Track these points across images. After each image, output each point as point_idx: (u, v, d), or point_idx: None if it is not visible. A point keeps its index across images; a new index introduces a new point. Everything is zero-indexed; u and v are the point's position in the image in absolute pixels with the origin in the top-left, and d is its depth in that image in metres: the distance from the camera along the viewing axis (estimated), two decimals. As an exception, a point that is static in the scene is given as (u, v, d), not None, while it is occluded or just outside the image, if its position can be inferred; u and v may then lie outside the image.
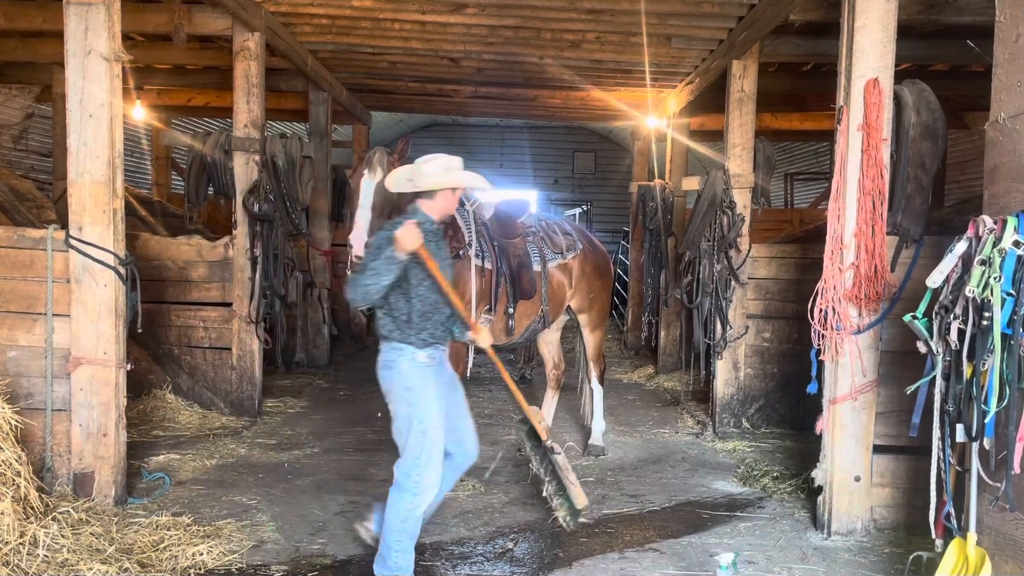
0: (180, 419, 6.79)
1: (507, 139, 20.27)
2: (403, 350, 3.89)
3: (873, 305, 4.51)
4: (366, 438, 6.64)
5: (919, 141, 4.65)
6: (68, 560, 3.91)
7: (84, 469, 4.73)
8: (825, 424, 4.65)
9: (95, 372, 4.71)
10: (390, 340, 3.92)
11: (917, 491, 4.35)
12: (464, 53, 8.80)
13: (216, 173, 7.69)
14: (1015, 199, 3.36)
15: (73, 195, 4.68)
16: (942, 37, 7.13)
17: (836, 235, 4.54)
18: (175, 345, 7.15)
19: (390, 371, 3.94)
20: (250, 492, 5.21)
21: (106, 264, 4.67)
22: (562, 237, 6.19)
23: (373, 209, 4.77)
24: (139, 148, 12.50)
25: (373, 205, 4.77)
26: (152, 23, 7.20)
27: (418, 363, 3.89)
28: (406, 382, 3.89)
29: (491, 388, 8.88)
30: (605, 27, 7.69)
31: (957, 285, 3.42)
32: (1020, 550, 3.25)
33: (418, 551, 4.33)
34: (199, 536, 4.34)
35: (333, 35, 8.31)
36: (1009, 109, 3.42)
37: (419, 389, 3.89)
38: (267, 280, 6.85)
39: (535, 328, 6.01)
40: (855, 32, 4.48)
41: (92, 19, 4.58)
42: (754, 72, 7.06)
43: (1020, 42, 3.35)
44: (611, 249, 15.46)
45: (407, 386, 3.90)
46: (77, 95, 4.63)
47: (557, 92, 10.99)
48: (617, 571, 4.19)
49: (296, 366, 9.42)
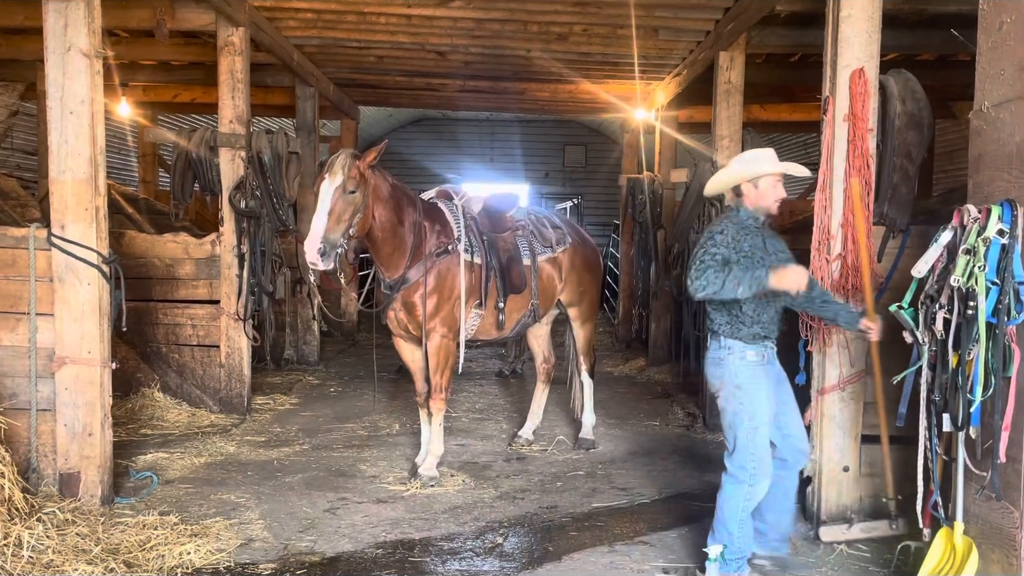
0: (168, 417, 6.76)
1: (497, 133, 20.22)
2: (732, 347, 3.87)
3: (860, 295, 4.51)
4: (356, 435, 6.62)
5: (905, 131, 4.65)
6: (53, 561, 3.88)
7: (70, 469, 4.69)
8: (813, 415, 4.65)
9: (80, 371, 4.67)
10: (719, 336, 3.91)
11: (905, 481, 4.35)
12: (451, 47, 8.77)
13: (202, 170, 7.63)
14: (999, 188, 3.36)
15: (55, 193, 4.64)
16: (928, 26, 7.12)
17: (823, 226, 4.54)
18: (163, 343, 7.11)
19: (719, 368, 3.91)
20: (239, 490, 5.19)
21: (89, 262, 4.63)
22: (552, 231, 6.18)
23: (330, 215, 4.71)
24: (125, 145, 12.42)
25: (330, 210, 4.72)
26: (135, 19, 7.14)
27: (748, 360, 3.86)
28: (736, 380, 3.86)
29: (482, 383, 8.87)
30: (592, 19, 7.67)
31: (942, 275, 3.42)
32: (1006, 538, 3.25)
33: (407, 547, 4.34)
34: (187, 535, 4.31)
35: (319, 29, 8.27)
36: (993, 98, 3.42)
37: (748, 387, 3.85)
38: (255, 277, 6.82)
39: (526, 322, 6.00)
40: (840, 22, 4.47)
41: (71, 15, 4.53)
42: (741, 63, 7.06)
43: (1003, 30, 3.34)
44: (601, 242, 15.48)
45: (737, 384, 3.86)
46: (58, 92, 4.58)
47: (546, 85, 10.96)
48: (607, 564, 4.18)
49: (285, 363, 9.40)
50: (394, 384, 8.57)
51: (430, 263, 5.28)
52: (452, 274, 5.37)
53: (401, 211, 5.19)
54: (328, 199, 4.73)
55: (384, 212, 5.08)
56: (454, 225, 5.50)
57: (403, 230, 5.20)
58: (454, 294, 5.39)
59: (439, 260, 5.33)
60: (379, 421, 7.05)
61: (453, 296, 5.39)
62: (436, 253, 5.32)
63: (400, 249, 5.21)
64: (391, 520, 4.73)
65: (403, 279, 5.25)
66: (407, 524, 4.68)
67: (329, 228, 4.70)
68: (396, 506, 4.97)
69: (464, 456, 6.08)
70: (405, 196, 5.28)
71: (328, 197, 4.73)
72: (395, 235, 5.17)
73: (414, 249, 5.24)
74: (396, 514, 4.83)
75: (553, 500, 5.16)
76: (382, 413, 7.32)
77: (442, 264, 5.35)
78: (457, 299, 5.39)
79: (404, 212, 5.21)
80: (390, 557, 4.22)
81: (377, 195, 5.02)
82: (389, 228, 5.12)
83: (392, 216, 5.12)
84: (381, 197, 5.05)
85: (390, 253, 5.20)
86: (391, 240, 5.16)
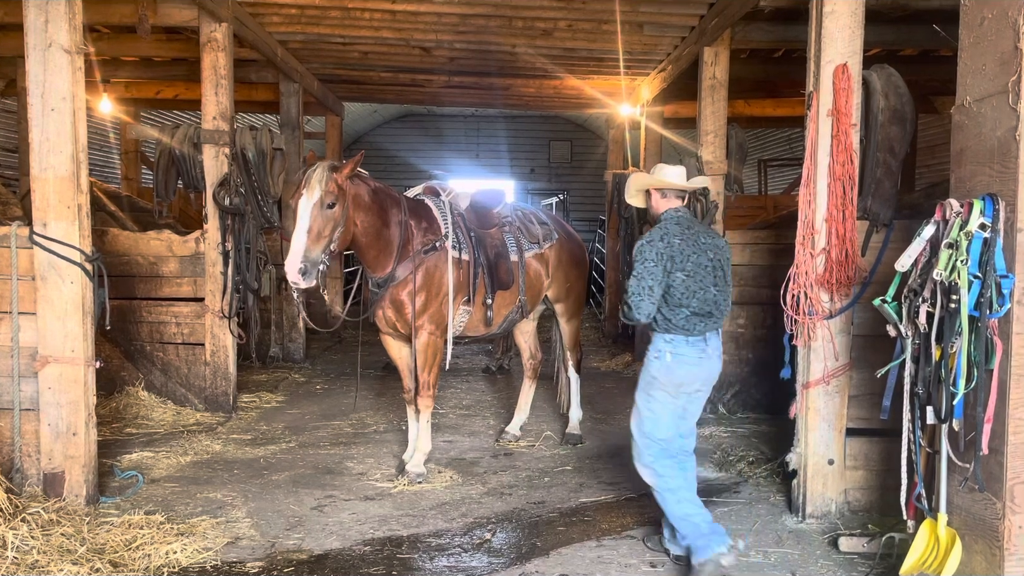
0: (153, 416, 6.72)
1: (482, 129, 20.20)
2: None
3: (844, 290, 4.54)
4: (343, 432, 6.60)
5: (888, 126, 4.68)
6: (38, 562, 3.85)
7: (54, 469, 4.66)
8: (799, 408, 4.69)
9: (63, 370, 4.64)
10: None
11: (889, 473, 4.39)
12: (436, 42, 8.74)
13: (185, 167, 7.58)
14: (981, 182, 3.39)
15: (36, 191, 4.59)
16: (910, 22, 7.18)
17: (807, 220, 4.56)
18: (147, 341, 7.07)
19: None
20: (225, 488, 5.16)
21: (72, 261, 4.59)
22: (538, 227, 6.18)
23: (309, 233, 4.67)
24: (107, 142, 12.31)
25: (309, 228, 4.67)
26: (117, 14, 7.07)
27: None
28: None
29: (469, 379, 8.87)
30: (577, 15, 7.67)
31: (925, 269, 3.44)
32: (989, 529, 3.29)
33: (395, 544, 4.34)
34: (173, 534, 4.29)
35: (302, 25, 8.22)
36: (974, 93, 3.44)
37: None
38: (240, 274, 6.78)
39: (513, 319, 6.00)
40: (824, 18, 4.49)
41: (52, 11, 4.49)
42: (726, 59, 7.08)
43: (985, 26, 3.37)
44: (588, 238, 15.51)
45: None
46: (39, 89, 4.53)
47: (531, 81, 10.96)
48: (595, 559, 4.20)
49: (271, 360, 9.36)
50: (381, 381, 8.55)
51: (418, 260, 5.27)
52: (440, 271, 5.36)
53: (385, 213, 5.17)
54: (307, 216, 4.68)
55: (367, 218, 5.04)
56: (441, 222, 5.49)
57: (388, 231, 5.18)
58: (442, 291, 5.38)
59: (427, 257, 5.31)
60: (366, 418, 7.04)
61: (441, 293, 5.37)
62: (424, 250, 5.30)
63: (386, 250, 5.19)
64: (379, 517, 4.73)
65: (391, 277, 5.24)
66: (395, 521, 4.67)
67: (309, 247, 4.66)
68: (384, 503, 4.97)
69: (452, 452, 6.08)
70: (389, 197, 5.25)
71: (307, 214, 4.68)
72: (380, 237, 5.14)
73: (401, 247, 5.22)
74: (384, 511, 4.83)
75: (541, 495, 5.17)
76: (369, 410, 7.30)
77: (430, 261, 5.34)
78: (445, 296, 5.38)
79: (388, 213, 5.19)
80: (378, 554, 4.21)
81: (358, 203, 4.98)
82: (373, 232, 5.10)
83: (376, 220, 5.10)
84: (363, 204, 5.02)
85: (376, 255, 5.19)
86: (376, 243, 5.14)
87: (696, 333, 3.96)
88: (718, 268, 4.04)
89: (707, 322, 3.98)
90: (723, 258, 4.09)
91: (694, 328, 3.95)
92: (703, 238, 4.07)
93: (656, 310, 3.95)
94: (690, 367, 3.97)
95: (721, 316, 4.06)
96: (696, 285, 3.93)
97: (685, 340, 3.95)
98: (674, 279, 3.92)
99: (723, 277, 4.07)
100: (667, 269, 3.91)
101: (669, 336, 3.98)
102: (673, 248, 3.93)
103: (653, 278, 3.89)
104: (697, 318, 3.95)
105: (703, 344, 3.98)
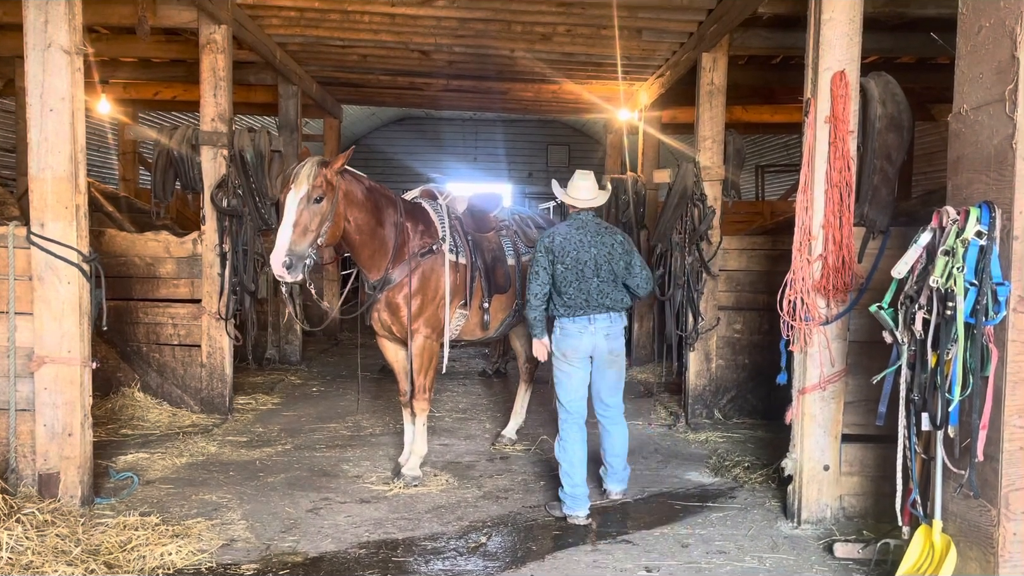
0: (149, 417, 6.71)
1: (481, 132, 20.22)
2: None
3: (841, 296, 4.55)
4: (339, 434, 6.60)
5: (885, 133, 4.69)
6: (33, 562, 3.84)
7: (49, 470, 4.65)
8: (795, 414, 4.70)
9: (59, 371, 4.63)
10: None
11: (885, 479, 4.40)
12: (435, 46, 8.75)
13: (183, 168, 7.56)
14: (978, 190, 3.40)
15: (34, 191, 4.59)
16: (908, 29, 7.21)
17: (804, 226, 4.58)
18: (143, 343, 7.06)
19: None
20: (220, 490, 5.16)
21: (69, 261, 4.59)
22: (536, 231, 6.19)
23: (295, 226, 4.68)
24: (105, 143, 12.30)
25: (295, 222, 4.68)
26: (116, 15, 7.07)
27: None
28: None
29: (465, 383, 8.86)
30: (576, 20, 7.69)
31: (922, 275, 3.46)
32: (984, 536, 3.30)
33: (390, 547, 4.33)
34: (168, 536, 4.29)
35: (302, 28, 8.23)
36: (971, 101, 3.46)
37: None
38: (237, 276, 6.77)
39: (510, 322, 6.01)
40: (822, 25, 4.51)
41: (52, 11, 4.49)
42: (724, 65, 7.09)
43: (982, 35, 3.39)
44: (585, 242, 15.49)
45: None
46: (37, 89, 4.53)
47: (529, 85, 10.97)
48: (590, 563, 4.20)
49: (267, 362, 9.36)
50: (377, 384, 8.55)
51: (414, 263, 5.27)
52: (436, 274, 5.36)
53: (380, 213, 5.17)
54: (293, 210, 4.69)
55: (360, 215, 5.04)
56: (438, 225, 5.49)
57: (383, 231, 5.18)
58: (438, 294, 5.38)
59: (423, 260, 5.31)
60: (362, 421, 7.03)
61: (437, 297, 5.38)
62: (420, 253, 5.30)
63: (381, 250, 5.19)
64: (374, 520, 4.72)
65: (386, 279, 5.24)
66: (390, 524, 4.67)
67: (294, 240, 4.67)
68: (379, 506, 4.96)
69: (447, 456, 6.08)
70: (384, 197, 5.25)
71: (293, 208, 4.69)
72: (374, 237, 5.14)
73: (397, 249, 5.23)
74: (379, 514, 4.82)
75: (536, 499, 5.16)
76: (365, 413, 7.30)
77: (426, 264, 5.34)
78: (441, 299, 5.38)
79: (383, 213, 5.19)
80: (373, 557, 4.21)
81: (350, 200, 4.98)
82: (367, 231, 5.10)
83: (370, 219, 5.10)
84: (355, 201, 5.02)
85: (370, 255, 5.19)
86: (370, 242, 5.14)
87: (579, 314, 4.78)
88: (603, 262, 4.78)
89: (586, 307, 4.78)
90: (613, 253, 4.81)
91: (575, 310, 4.78)
92: (591, 237, 4.80)
93: (547, 296, 4.85)
94: (572, 339, 4.82)
95: (603, 301, 4.79)
96: (573, 276, 4.76)
97: (570, 320, 4.81)
98: (556, 270, 4.79)
99: (609, 269, 4.80)
100: (551, 260, 4.78)
101: (558, 316, 4.86)
102: (555, 244, 4.79)
103: (539, 266, 4.81)
104: (576, 302, 4.78)
105: (586, 322, 4.80)
